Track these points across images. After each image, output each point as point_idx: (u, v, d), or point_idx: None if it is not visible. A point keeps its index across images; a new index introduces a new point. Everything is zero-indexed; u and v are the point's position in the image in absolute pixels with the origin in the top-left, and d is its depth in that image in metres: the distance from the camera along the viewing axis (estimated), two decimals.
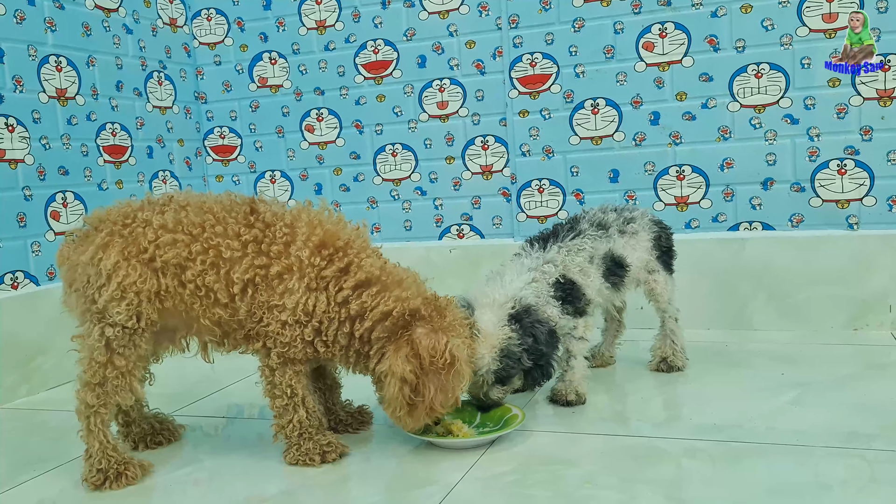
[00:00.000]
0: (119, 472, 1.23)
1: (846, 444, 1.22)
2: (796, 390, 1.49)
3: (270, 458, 1.31)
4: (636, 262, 1.60)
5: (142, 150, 2.25)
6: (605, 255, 1.55)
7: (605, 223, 1.58)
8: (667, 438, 1.29)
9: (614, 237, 1.58)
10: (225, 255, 1.22)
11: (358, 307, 1.21)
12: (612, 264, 1.56)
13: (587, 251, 1.52)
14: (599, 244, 1.55)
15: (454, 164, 2.27)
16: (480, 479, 1.18)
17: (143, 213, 1.26)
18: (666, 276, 1.68)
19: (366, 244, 1.28)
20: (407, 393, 1.20)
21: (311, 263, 1.22)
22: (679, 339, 1.68)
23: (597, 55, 2.09)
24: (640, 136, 2.08)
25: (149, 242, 1.23)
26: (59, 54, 1.98)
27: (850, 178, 1.93)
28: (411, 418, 1.23)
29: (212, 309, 1.24)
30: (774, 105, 1.96)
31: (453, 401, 1.24)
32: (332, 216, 1.30)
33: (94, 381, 1.23)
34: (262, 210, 1.27)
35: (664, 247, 1.68)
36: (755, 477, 1.12)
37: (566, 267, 1.49)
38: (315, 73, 2.37)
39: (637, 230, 1.62)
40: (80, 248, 1.26)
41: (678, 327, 1.69)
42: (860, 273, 1.91)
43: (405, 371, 1.18)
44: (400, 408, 1.21)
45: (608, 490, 1.11)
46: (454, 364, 1.20)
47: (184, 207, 1.26)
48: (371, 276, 1.23)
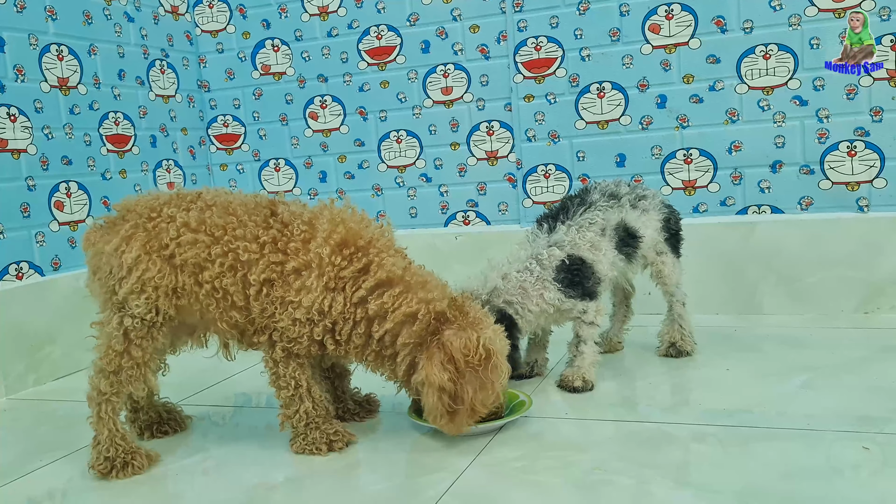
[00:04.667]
0: (126, 462, 1.23)
1: (858, 428, 1.20)
2: (807, 374, 1.48)
3: (278, 446, 1.30)
4: (648, 236, 1.59)
5: (145, 139, 2.24)
6: (618, 225, 1.53)
7: (617, 194, 1.57)
8: (676, 424, 1.28)
9: (626, 208, 1.56)
10: (243, 257, 1.21)
11: (377, 307, 1.19)
12: (624, 234, 1.54)
13: (598, 224, 1.50)
14: (611, 214, 1.53)
15: (459, 150, 2.25)
16: (488, 466, 1.17)
17: (169, 209, 1.25)
18: (674, 259, 1.66)
19: (389, 243, 1.26)
20: (447, 402, 1.17)
21: (331, 262, 1.20)
22: (687, 324, 1.67)
23: (602, 38, 2.07)
24: (646, 120, 2.06)
25: (170, 239, 1.22)
26: (60, 43, 1.97)
27: (860, 160, 1.90)
28: (454, 424, 1.20)
29: (228, 312, 1.23)
30: (783, 87, 1.94)
31: (494, 397, 1.21)
32: (355, 214, 1.27)
33: (109, 368, 1.23)
34: (280, 211, 1.26)
35: (672, 229, 1.66)
36: (766, 461, 1.11)
37: (575, 245, 1.48)
38: (318, 60, 2.35)
39: (648, 208, 1.60)
40: (106, 236, 1.26)
41: (686, 312, 1.67)
42: (871, 256, 1.89)
43: (443, 380, 1.15)
44: (441, 416, 1.18)
45: (618, 475, 1.10)
46: (491, 358, 1.18)
47: (210, 207, 1.25)
48: (393, 276, 1.20)
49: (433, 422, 1.21)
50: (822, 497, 1.00)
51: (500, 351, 1.20)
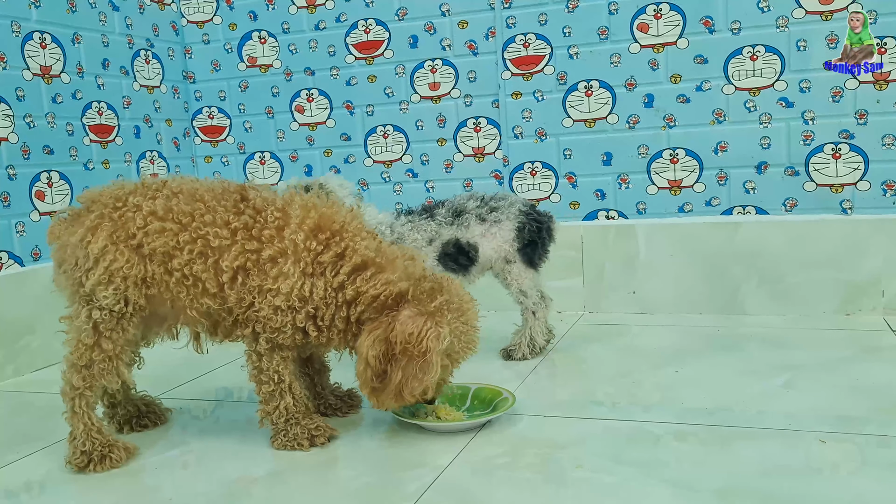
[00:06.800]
0: (103, 455, 1.21)
1: (838, 428, 1.21)
2: (788, 374, 1.49)
3: (259, 440, 1.30)
4: (489, 248, 1.66)
5: (129, 129, 2.22)
6: (448, 241, 1.64)
7: (462, 210, 1.66)
8: (658, 422, 1.28)
9: (470, 223, 1.65)
10: (213, 244, 1.20)
11: (353, 292, 1.19)
12: (454, 250, 1.65)
13: (429, 233, 1.64)
14: (445, 230, 1.64)
15: (446, 145, 2.25)
16: (470, 463, 1.17)
17: (135, 198, 1.24)
18: (521, 267, 1.68)
19: (361, 226, 1.26)
20: (370, 375, 1.18)
21: (306, 248, 1.20)
22: (531, 331, 1.70)
23: (591, 36, 2.07)
24: (633, 119, 2.06)
25: (137, 229, 1.21)
26: (43, 31, 1.94)
27: (844, 163, 1.91)
28: (376, 399, 1.21)
29: (200, 299, 1.21)
30: (769, 88, 1.95)
31: (421, 390, 1.19)
32: (324, 199, 1.28)
33: (80, 362, 1.21)
34: (252, 196, 1.25)
35: (527, 238, 1.67)
36: (746, 460, 1.12)
37: (402, 237, 1.64)
38: (305, 53, 2.34)
39: (500, 219, 1.66)
40: (71, 228, 1.24)
41: (536, 320, 1.70)
42: (853, 257, 1.90)
43: (369, 354, 1.17)
44: (364, 386, 1.20)
45: (599, 473, 1.11)
46: (425, 355, 1.16)
47: (176, 194, 1.24)
48: (366, 259, 1.21)
49: (362, 391, 1.22)
50: (801, 496, 1.01)
51: (437, 350, 1.17)
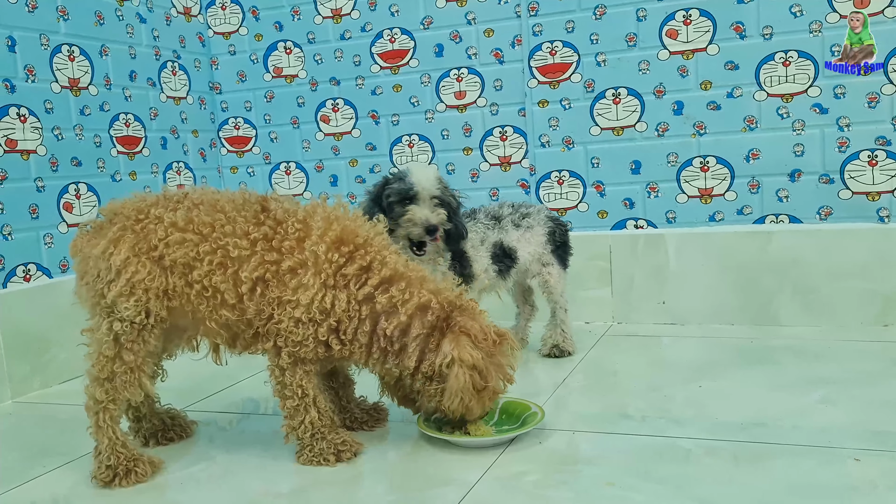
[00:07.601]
0: (129, 469, 1.21)
1: (875, 445, 1.17)
2: (823, 388, 1.45)
3: (284, 454, 1.28)
4: (528, 252, 1.74)
5: (156, 140, 2.23)
6: (495, 243, 1.71)
7: (499, 216, 1.74)
8: (689, 438, 1.25)
9: (507, 228, 1.72)
10: (233, 254, 1.20)
11: (386, 301, 1.19)
12: (500, 251, 1.71)
13: (479, 235, 1.69)
14: (490, 233, 1.71)
15: (472, 155, 2.23)
16: (500, 479, 1.15)
17: (156, 210, 1.24)
18: (559, 269, 1.79)
19: (386, 241, 1.26)
20: (478, 380, 1.19)
21: (327, 259, 1.19)
22: (567, 328, 1.80)
23: (619, 43, 2.04)
24: (662, 127, 2.03)
25: (159, 240, 1.21)
26: (71, 43, 1.96)
27: (881, 170, 1.87)
28: (479, 405, 1.23)
29: (219, 311, 1.21)
30: (803, 94, 1.90)
31: (507, 378, 1.26)
32: (348, 212, 1.27)
33: (102, 375, 1.21)
34: (273, 207, 1.24)
35: (558, 241, 1.79)
36: (779, 477, 1.08)
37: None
38: (330, 63, 2.34)
39: (532, 224, 1.75)
40: (93, 240, 1.24)
41: (567, 317, 1.80)
42: (891, 267, 1.85)
43: (476, 358, 1.18)
44: (471, 396, 1.20)
45: (630, 491, 1.08)
46: (504, 339, 1.23)
47: (197, 205, 1.24)
48: (396, 272, 1.21)
49: (456, 405, 1.21)
50: None
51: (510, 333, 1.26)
